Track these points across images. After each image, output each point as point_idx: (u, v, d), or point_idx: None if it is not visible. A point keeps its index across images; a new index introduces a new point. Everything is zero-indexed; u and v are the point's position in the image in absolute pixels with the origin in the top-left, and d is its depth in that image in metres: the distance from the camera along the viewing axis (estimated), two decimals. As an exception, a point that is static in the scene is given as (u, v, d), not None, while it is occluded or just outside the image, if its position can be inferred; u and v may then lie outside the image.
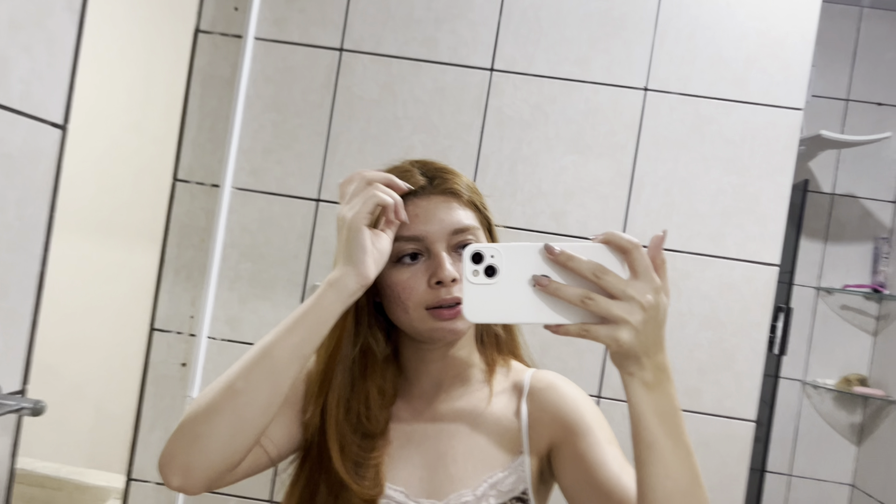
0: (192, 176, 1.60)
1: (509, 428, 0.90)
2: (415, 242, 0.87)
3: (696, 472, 0.70)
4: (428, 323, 0.86)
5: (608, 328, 0.65)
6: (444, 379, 0.94)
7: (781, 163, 1.52)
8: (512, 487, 0.87)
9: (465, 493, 0.86)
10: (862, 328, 2.57)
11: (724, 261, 1.53)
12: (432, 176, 0.91)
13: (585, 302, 0.65)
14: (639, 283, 0.65)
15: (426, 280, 0.86)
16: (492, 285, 0.68)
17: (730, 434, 1.51)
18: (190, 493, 0.80)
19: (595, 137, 1.55)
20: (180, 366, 1.60)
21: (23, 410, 0.84)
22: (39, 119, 0.85)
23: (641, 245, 0.66)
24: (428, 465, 0.89)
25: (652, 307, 0.65)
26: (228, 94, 1.59)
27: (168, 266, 1.60)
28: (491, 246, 0.69)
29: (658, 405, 0.68)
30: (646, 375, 0.67)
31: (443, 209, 0.88)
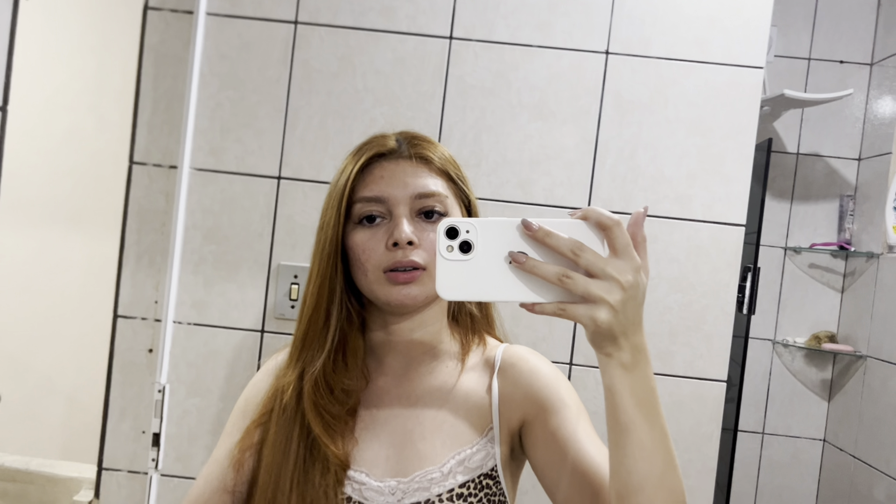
0: (150, 158, 1.56)
1: (479, 404, 0.89)
2: (376, 204, 0.86)
3: (672, 455, 0.70)
4: (384, 287, 0.85)
5: (586, 307, 0.64)
6: (413, 356, 0.93)
7: (744, 122, 1.52)
8: (480, 464, 0.86)
9: (432, 469, 0.85)
10: (830, 286, 2.61)
11: (690, 223, 1.53)
12: (406, 141, 0.90)
13: (563, 280, 0.63)
14: (619, 261, 0.63)
15: (384, 242, 0.85)
16: (466, 262, 0.66)
17: (701, 395, 1.52)
18: None
19: (559, 104, 1.54)
20: (147, 352, 1.57)
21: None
22: (-26, 100, 0.81)
23: (621, 222, 0.64)
24: (395, 445, 0.88)
25: (632, 287, 0.63)
26: (182, 73, 1.54)
27: (129, 251, 1.56)
28: (466, 221, 0.67)
29: (635, 387, 0.67)
30: (623, 356, 0.66)
31: (409, 173, 0.87)
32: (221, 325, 1.55)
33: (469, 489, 0.85)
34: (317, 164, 1.54)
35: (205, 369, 1.55)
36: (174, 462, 1.56)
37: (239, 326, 1.55)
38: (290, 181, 1.54)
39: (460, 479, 0.85)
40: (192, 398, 1.56)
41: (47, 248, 2.26)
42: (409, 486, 0.84)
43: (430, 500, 0.84)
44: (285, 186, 1.54)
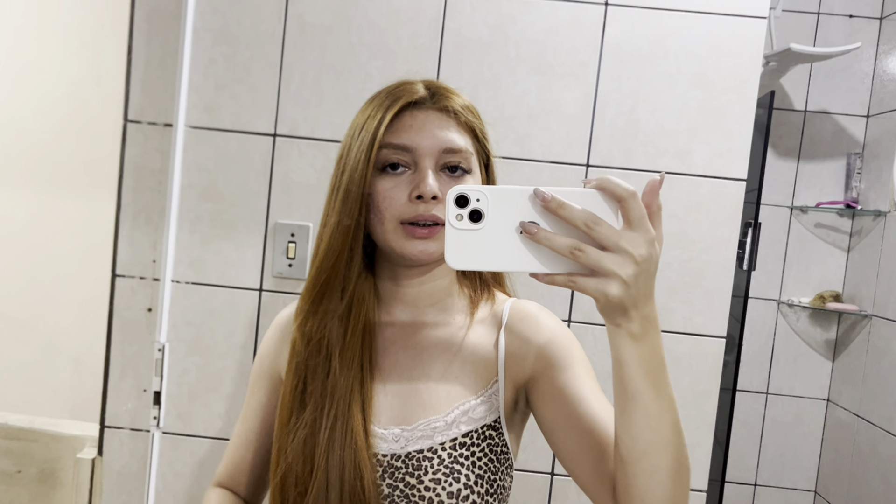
0: (144, 116, 1.54)
1: (486, 358, 0.89)
2: (403, 152, 0.84)
3: (678, 424, 0.69)
4: (400, 239, 0.84)
5: (597, 281, 0.62)
6: (421, 307, 0.93)
7: (746, 74, 1.49)
8: (484, 415, 0.87)
9: (436, 419, 0.85)
10: (836, 245, 2.58)
11: (691, 178, 1.50)
12: (434, 91, 0.88)
13: (575, 253, 0.62)
14: (633, 234, 0.61)
15: (407, 193, 0.83)
16: (477, 231, 0.65)
17: (700, 351, 1.52)
18: None
19: (557, 57, 1.51)
20: (146, 311, 1.57)
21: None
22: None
23: (637, 193, 0.62)
24: (400, 394, 0.88)
25: (645, 260, 0.62)
26: (175, 28, 1.52)
27: (126, 210, 1.56)
28: (477, 188, 0.65)
29: (643, 356, 0.66)
30: (633, 327, 0.65)
31: (437, 125, 0.85)
32: (219, 284, 1.55)
33: (472, 439, 0.85)
34: (312, 121, 1.52)
35: (203, 328, 1.56)
36: (175, 419, 1.57)
37: (237, 285, 1.55)
38: (285, 138, 1.53)
39: (463, 428, 0.85)
40: (191, 356, 1.56)
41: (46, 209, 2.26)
42: (413, 434, 0.85)
43: (433, 447, 0.84)
44: (281, 144, 1.53)
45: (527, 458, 1.54)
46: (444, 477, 0.83)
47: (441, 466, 0.83)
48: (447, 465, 0.84)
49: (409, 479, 0.84)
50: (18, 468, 1.67)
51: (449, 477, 0.83)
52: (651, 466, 0.69)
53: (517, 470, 1.54)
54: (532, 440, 1.54)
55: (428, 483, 0.83)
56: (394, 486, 0.84)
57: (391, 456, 0.85)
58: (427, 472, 0.83)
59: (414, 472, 0.83)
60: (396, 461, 0.85)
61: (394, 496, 0.84)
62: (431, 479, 0.83)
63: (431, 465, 0.84)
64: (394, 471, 0.84)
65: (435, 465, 0.84)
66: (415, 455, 0.84)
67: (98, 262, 2.20)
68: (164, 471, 1.58)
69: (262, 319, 1.55)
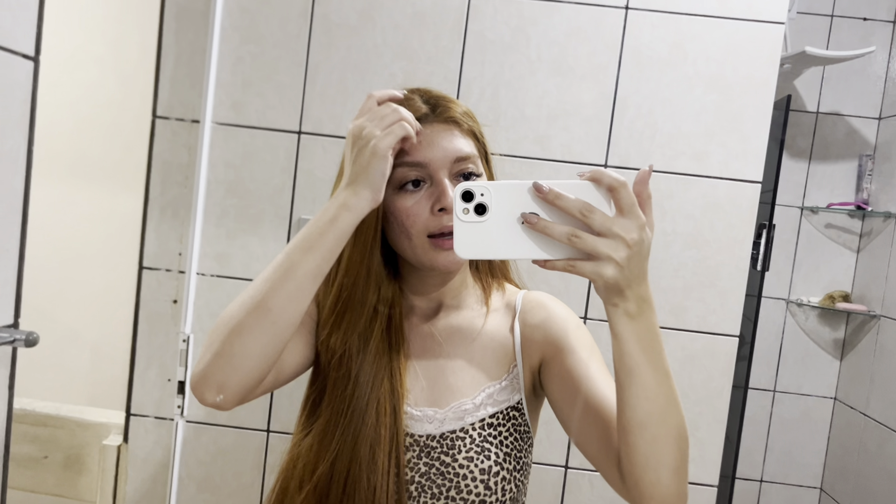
0: (172, 112, 1.58)
1: (504, 344, 0.96)
2: (418, 169, 0.88)
3: (674, 394, 0.75)
4: (429, 252, 0.89)
5: (593, 264, 0.68)
6: (441, 300, 0.99)
7: (763, 78, 1.51)
8: (507, 398, 0.93)
9: (465, 401, 0.92)
10: (846, 246, 2.61)
11: (707, 180, 1.53)
12: (434, 104, 0.92)
13: (572, 240, 0.67)
14: (624, 220, 0.67)
15: (429, 207, 0.88)
16: (482, 223, 0.69)
17: (714, 349, 1.55)
18: (224, 408, 0.84)
19: (577, 59, 1.54)
20: (172, 303, 1.61)
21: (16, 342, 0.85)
22: (10, 51, 0.83)
23: (627, 182, 0.68)
24: (428, 377, 0.94)
25: (636, 244, 0.67)
26: (204, 27, 1.55)
27: (153, 204, 1.60)
28: (481, 184, 0.70)
29: (639, 333, 0.71)
30: (629, 306, 0.70)
31: (445, 137, 0.89)
32: (244, 277, 1.59)
33: (498, 419, 0.91)
34: (336, 119, 1.56)
35: (228, 320, 1.59)
36: (198, 409, 1.61)
37: (261, 278, 1.58)
38: (310, 136, 1.56)
39: (490, 410, 0.91)
40: (215, 348, 1.60)
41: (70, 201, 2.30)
42: (446, 416, 0.91)
43: (464, 427, 0.90)
44: (305, 141, 1.56)
45: (542, 451, 1.58)
46: (476, 455, 0.89)
47: (473, 445, 0.89)
48: (478, 444, 0.89)
49: (444, 457, 0.89)
50: (45, 454, 1.71)
51: (480, 455, 0.89)
52: (651, 435, 0.74)
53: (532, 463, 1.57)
54: (547, 435, 1.57)
55: (462, 461, 0.89)
56: (430, 465, 0.89)
57: (427, 436, 0.91)
58: (460, 451, 0.89)
59: (448, 451, 0.89)
60: (432, 441, 0.90)
61: (430, 474, 0.89)
62: (465, 458, 0.89)
63: (464, 444, 0.89)
64: (430, 450, 0.90)
65: (467, 445, 0.89)
66: (448, 435, 0.90)
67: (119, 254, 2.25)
68: (188, 458, 1.62)
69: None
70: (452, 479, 0.88)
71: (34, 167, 0.89)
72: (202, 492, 1.62)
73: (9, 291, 0.89)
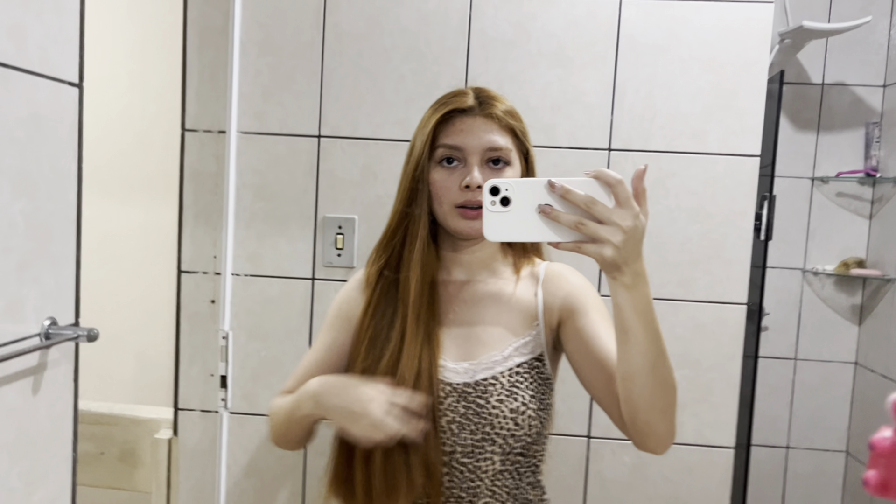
0: (200, 125, 1.69)
1: (528, 306, 1.13)
2: (455, 150, 1.07)
3: (662, 351, 0.91)
4: (455, 219, 1.08)
5: (596, 246, 0.83)
6: (474, 269, 1.17)
7: (756, 57, 1.58)
8: (532, 350, 1.10)
9: (495, 353, 1.09)
10: (858, 213, 2.65)
11: (707, 156, 1.61)
12: (481, 100, 1.10)
13: (578, 226, 0.83)
14: (621, 210, 0.82)
15: (459, 183, 1.06)
16: (506, 212, 0.86)
17: (723, 318, 1.62)
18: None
19: (576, 50, 1.62)
20: (210, 303, 1.72)
21: (80, 337, 0.96)
22: (58, 79, 0.94)
23: (624, 179, 0.83)
24: (462, 335, 1.12)
25: (630, 230, 0.82)
26: (224, 43, 1.66)
27: (188, 212, 1.71)
28: (506, 181, 0.86)
29: (634, 301, 0.87)
30: (625, 279, 0.85)
31: (483, 128, 1.08)
32: (275, 275, 1.70)
33: (524, 368, 1.09)
34: (353, 122, 1.66)
35: (263, 316, 1.71)
36: (241, 400, 1.72)
37: (291, 275, 1.69)
38: (329, 139, 1.66)
39: (517, 360, 1.09)
40: (252, 342, 1.71)
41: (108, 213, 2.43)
42: (478, 367, 1.08)
43: (494, 376, 1.07)
44: (325, 144, 1.66)
45: (566, 423, 1.67)
46: (506, 398, 1.06)
47: (503, 390, 1.06)
48: (507, 388, 1.06)
49: (479, 401, 1.06)
50: (101, 450, 1.84)
51: (510, 397, 1.06)
52: (642, 382, 0.91)
53: (556, 434, 1.66)
54: (569, 407, 1.66)
55: (494, 403, 1.06)
56: (467, 407, 1.06)
57: (463, 384, 1.08)
58: (492, 395, 1.06)
59: (482, 396, 1.06)
60: (468, 388, 1.07)
61: (468, 414, 1.06)
62: (497, 400, 1.06)
63: (495, 389, 1.06)
64: (466, 395, 1.07)
65: (498, 390, 1.06)
66: (481, 383, 1.07)
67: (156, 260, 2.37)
68: (233, 447, 1.73)
69: (315, 306, 1.69)
70: (486, 417, 1.05)
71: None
72: (248, 477, 1.74)
73: (69, 294, 1.00)
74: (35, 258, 0.91)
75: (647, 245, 1.62)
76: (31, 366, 0.92)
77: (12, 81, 0.85)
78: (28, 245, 0.90)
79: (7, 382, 0.87)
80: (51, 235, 0.95)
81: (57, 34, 0.93)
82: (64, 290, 0.99)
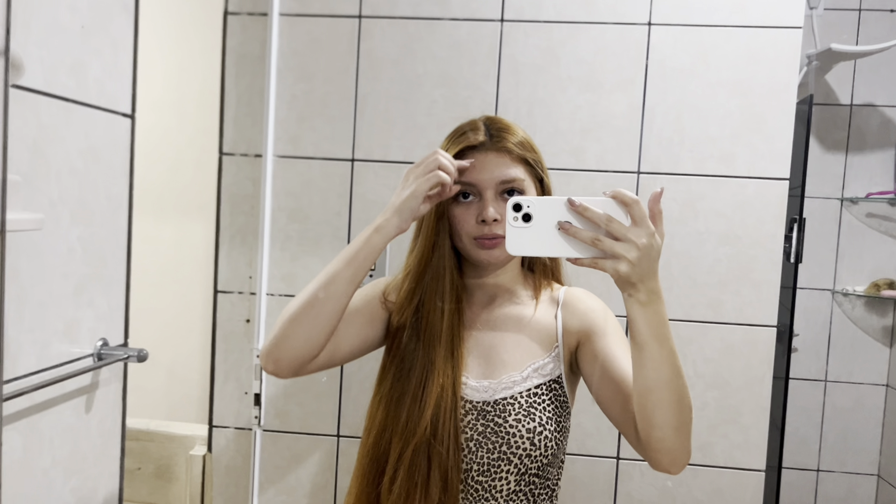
0: (237, 149, 1.74)
1: (548, 329, 1.15)
2: (469, 186, 1.11)
3: (677, 368, 0.92)
4: (475, 250, 1.12)
5: (612, 262, 0.86)
6: (496, 293, 1.20)
7: (785, 81, 1.60)
8: (550, 372, 1.12)
9: (514, 374, 1.11)
10: (888, 234, 2.64)
11: (735, 179, 1.62)
12: (493, 134, 1.14)
13: (595, 243, 0.86)
14: (637, 229, 0.86)
15: (475, 217, 1.10)
16: (528, 228, 0.90)
17: (752, 339, 1.63)
18: (281, 377, 1.09)
19: (605, 74, 1.64)
20: (245, 322, 1.76)
21: (130, 358, 1.00)
22: (113, 111, 0.99)
23: (640, 200, 0.86)
24: (483, 355, 1.14)
25: (645, 247, 0.85)
26: (261, 70, 1.71)
27: (224, 233, 1.75)
28: (528, 199, 0.90)
29: (648, 318, 0.90)
30: (640, 296, 0.88)
31: (494, 163, 1.11)
32: (308, 295, 1.73)
33: (542, 390, 1.11)
34: (385, 146, 1.69)
35: (296, 335, 1.74)
36: (273, 418, 1.76)
37: (324, 295, 1.73)
38: (361, 162, 1.70)
39: (535, 381, 1.11)
40: (286, 361, 1.74)
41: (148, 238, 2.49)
42: (498, 386, 1.11)
43: (513, 395, 1.09)
44: (358, 168, 1.70)
45: (594, 443, 1.68)
46: (524, 417, 1.08)
47: (521, 410, 1.09)
48: (525, 409, 1.09)
49: (497, 419, 1.09)
50: (138, 465, 1.88)
51: (527, 418, 1.08)
52: (657, 399, 0.92)
53: (585, 455, 1.67)
54: (597, 428, 1.67)
55: (511, 422, 1.08)
56: (486, 425, 1.09)
57: (483, 402, 1.10)
58: (510, 414, 1.08)
59: (500, 415, 1.09)
60: (487, 406, 1.10)
61: (486, 432, 1.08)
62: (514, 419, 1.08)
63: (513, 409, 1.09)
64: (485, 413, 1.10)
65: (516, 409, 1.09)
66: (500, 402, 1.10)
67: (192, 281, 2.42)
68: (266, 464, 1.76)
69: (347, 325, 1.72)
70: (504, 437, 1.07)
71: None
72: (280, 494, 1.77)
73: (119, 315, 1.04)
74: (90, 282, 0.95)
75: (677, 267, 1.64)
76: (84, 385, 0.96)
77: (73, 115, 0.89)
78: (84, 270, 0.94)
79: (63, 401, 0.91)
80: (104, 260, 0.99)
81: (113, 69, 0.98)
82: (115, 311, 1.03)
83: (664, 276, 1.63)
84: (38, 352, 0.87)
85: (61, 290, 0.89)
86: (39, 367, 0.87)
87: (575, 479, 1.69)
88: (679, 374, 0.93)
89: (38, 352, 0.87)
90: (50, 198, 0.86)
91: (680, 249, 1.64)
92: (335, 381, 1.74)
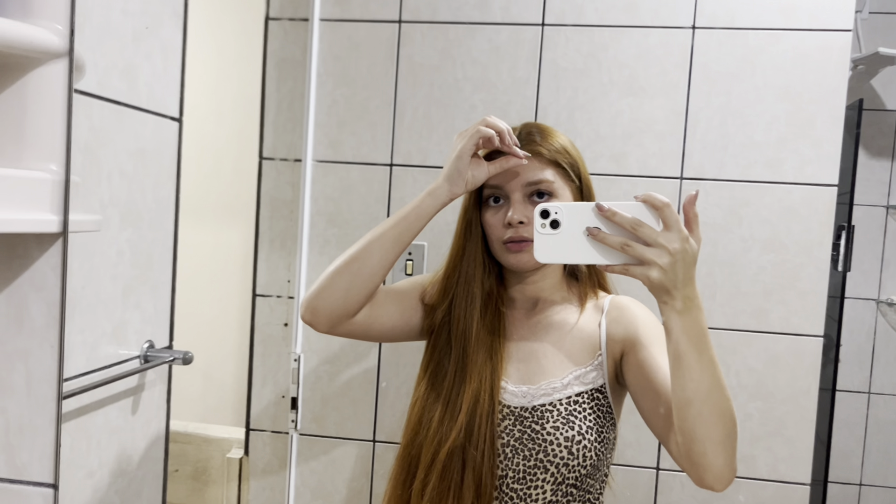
0: (276, 153, 1.75)
1: (592, 337, 1.13)
2: (497, 190, 1.11)
3: (718, 379, 0.88)
4: (504, 254, 1.11)
5: (643, 268, 0.84)
6: (538, 299, 1.18)
7: (834, 85, 1.56)
8: (592, 381, 1.10)
9: (554, 381, 1.09)
10: (935, 242, 2.57)
11: (782, 185, 1.59)
12: (524, 139, 1.13)
13: (625, 248, 0.84)
14: (669, 233, 0.83)
15: (503, 221, 1.09)
16: (556, 235, 0.87)
17: (798, 350, 1.59)
18: (317, 328, 1.11)
19: (647, 79, 1.62)
20: (283, 326, 1.77)
21: (175, 360, 1.01)
22: (162, 115, 1.00)
23: (672, 203, 0.83)
24: (524, 360, 1.13)
25: (678, 252, 0.82)
26: (301, 75, 1.72)
27: (263, 237, 1.76)
28: (555, 205, 0.88)
29: (685, 326, 0.86)
30: (676, 304, 0.85)
31: (522, 166, 1.09)
32: (346, 300, 1.73)
33: (583, 398, 1.08)
34: (424, 151, 1.69)
35: (333, 340, 1.74)
36: (310, 422, 1.76)
37: (361, 300, 1.72)
38: (400, 167, 1.70)
39: (576, 389, 1.08)
40: (323, 365, 1.75)
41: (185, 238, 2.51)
42: (537, 392, 1.09)
43: (552, 402, 1.07)
44: (397, 172, 1.70)
45: (634, 454, 1.65)
46: (562, 426, 1.05)
47: (560, 417, 1.06)
48: (564, 416, 1.06)
49: (534, 426, 1.06)
50: (176, 468, 1.89)
51: (565, 426, 1.05)
52: (696, 411, 0.88)
53: (625, 465, 1.65)
54: (637, 438, 1.65)
55: (549, 429, 1.05)
56: (523, 431, 1.07)
57: (521, 408, 1.08)
58: (549, 421, 1.06)
59: (538, 421, 1.06)
60: (525, 412, 1.08)
61: (523, 439, 1.06)
62: (552, 427, 1.05)
63: (552, 416, 1.06)
64: (523, 419, 1.07)
65: (554, 416, 1.06)
66: (539, 408, 1.07)
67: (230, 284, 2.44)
68: (302, 468, 1.76)
69: (385, 330, 1.72)
70: (541, 444, 1.05)
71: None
72: (316, 499, 1.76)
73: (165, 318, 1.05)
74: (138, 284, 0.96)
75: (720, 275, 1.61)
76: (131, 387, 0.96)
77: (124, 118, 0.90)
78: (132, 272, 0.95)
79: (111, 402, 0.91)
80: (151, 262, 1.00)
81: (162, 73, 0.99)
82: (161, 314, 1.04)
83: (707, 284, 1.60)
84: (87, 353, 0.87)
85: (110, 291, 0.90)
86: (89, 369, 0.87)
87: (614, 490, 1.66)
88: (720, 385, 0.89)
89: (87, 353, 0.87)
90: (101, 200, 0.87)
91: (724, 257, 1.61)
92: (372, 385, 1.73)
